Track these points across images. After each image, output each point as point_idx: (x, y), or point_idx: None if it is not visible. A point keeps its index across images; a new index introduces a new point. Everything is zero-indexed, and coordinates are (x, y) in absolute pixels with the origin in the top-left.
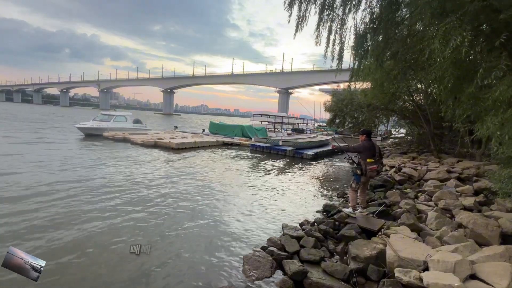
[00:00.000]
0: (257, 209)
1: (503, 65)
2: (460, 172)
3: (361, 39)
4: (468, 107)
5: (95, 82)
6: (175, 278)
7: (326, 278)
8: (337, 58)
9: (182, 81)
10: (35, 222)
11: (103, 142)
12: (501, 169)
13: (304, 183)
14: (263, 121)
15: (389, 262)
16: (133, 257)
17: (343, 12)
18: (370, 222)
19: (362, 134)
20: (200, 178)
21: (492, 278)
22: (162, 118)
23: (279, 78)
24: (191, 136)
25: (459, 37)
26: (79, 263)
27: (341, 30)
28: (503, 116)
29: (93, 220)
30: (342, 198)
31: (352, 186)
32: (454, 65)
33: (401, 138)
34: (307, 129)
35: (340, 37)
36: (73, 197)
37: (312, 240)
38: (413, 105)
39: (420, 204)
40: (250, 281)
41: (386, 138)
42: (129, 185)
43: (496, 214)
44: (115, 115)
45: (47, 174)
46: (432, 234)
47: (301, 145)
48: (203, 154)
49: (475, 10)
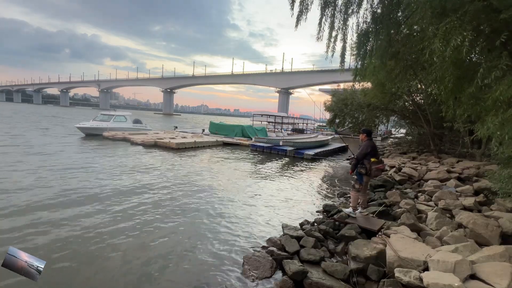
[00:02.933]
0: (257, 209)
1: (503, 65)
2: (460, 172)
3: (364, 39)
4: (469, 107)
5: (95, 82)
6: (175, 278)
7: (326, 278)
8: (340, 56)
9: (182, 81)
10: (30, 221)
11: (103, 142)
12: (501, 169)
13: (304, 183)
14: (263, 121)
15: (389, 262)
16: (133, 257)
17: (345, 10)
18: (370, 222)
19: (363, 133)
20: (200, 178)
21: (492, 278)
22: (162, 118)
23: (279, 78)
24: (191, 136)
25: (459, 37)
26: (78, 264)
27: (344, 27)
28: (503, 116)
29: (89, 220)
30: (342, 198)
31: (355, 187)
32: (454, 65)
33: (401, 138)
34: (307, 129)
35: (343, 34)
36: (71, 198)
37: (312, 240)
38: (413, 105)
39: (420, 204)
40: (250, 281)
41: (386, 138)
42: (128, 185)
43: (496, 214)
44: (115, 115)
45: (45, 174)
46: (432, 234)
47: (302, 145)
48: (203, 154)
49: (475, 10)
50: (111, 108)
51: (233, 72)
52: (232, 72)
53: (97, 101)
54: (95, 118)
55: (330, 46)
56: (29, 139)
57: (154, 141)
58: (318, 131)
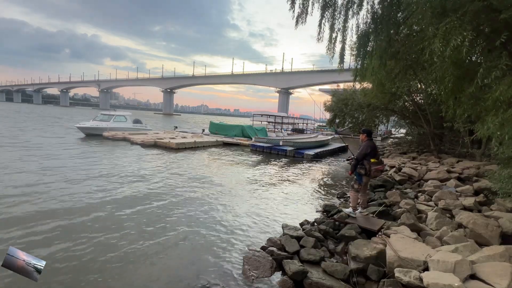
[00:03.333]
0: (257, 209)
1: (503, 65)
2: (460, 172)
3: (364, 39)
4: (469, 107)
5: (95, 82)
6: (175, 278)
7: (326, 278)
8: (339, 56)
9: (182, 81)
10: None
11: (103, 142)
12: (501, 169)
13: (304, 183)
14: (263, 121)
15: (389, 262)
16: (133, 257)
17: (345, 12)
18: (370, 222)
19: (363, 133)
20: (200, 178)
21: (492, 278)
22: (162, 118)
23: (279, 78)
24: (191, 136)
25: (459, 37)
26: (80, 263)
27: (344, 27)
28: (503, 116)
29: (89, 223)
30: (342, 198)
31: (354, 187)
32: (454, 65)
33: (401, 138)
34: (307, 129)
35: (343, 36)
36: (70, 197)
37: (312, 240)
38: (413, 105)
39: (420, 204)
40: (250, 281)
41: (386, 138)
42: (127, 185)
43: (496, 214)
44: (114, 115)
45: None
46: (432, 234)
47: (302, 145)
48: (203, 154)
49: (475, 10)
50: (111, 108)
51: (233, 72)
52: (232, 72)
53: (97, 101)
54: (95, 118)
55: (331, 47)
56: (28, 139)
57: (154, 141)
58: (318, 131)
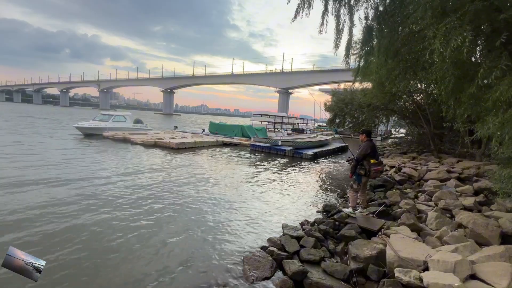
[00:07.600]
0: (257, 209)
1: (503, 65)
2: (460, 172)
3: (367, 36)
4: (469, 107)
5: (95, 82)
6: (175, 278)
7: (326, 278)
8: (345, 49)
9: (182, 81)
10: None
11: (103, 142)
12: (501, 169)
13: (304, 183)
14: (263, 121)
15: (389, 262)
16: (133, 257)
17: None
18: (370, 222)
19: (363, 133)
20: (200, 178)
21: (492, 278)
22: (162, 118)
23: (279, 78)
24: (191, 136)
25: (459, 37)
26: (79, 262)
27: (351, 19)
28: (503, 116)
29: (87, 221)
30: (342, 198)
31: (353, 187)
32: (454, 65)
33: (401, 138)
34: (307, 129)
35: (349, 27)
36: (73, 200)
37: (312, 240)
38: (413, 105)
39: (420, 204)
40: (250, 281)
41: (386, 138)
42: (127, 185)
43: (496, 214)
44: (114, 115)
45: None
46: (432, 234)
47: (301, 145)
48: (203, 154)
49: (475, 9)
50: (111, 108)
51: (233, 72)
52: (232, 72)
53: (97, 101)
54: (94, 118)
55: (339, 37)
56: (26, 140)
57: (154, 141)
58: (318, 131)
